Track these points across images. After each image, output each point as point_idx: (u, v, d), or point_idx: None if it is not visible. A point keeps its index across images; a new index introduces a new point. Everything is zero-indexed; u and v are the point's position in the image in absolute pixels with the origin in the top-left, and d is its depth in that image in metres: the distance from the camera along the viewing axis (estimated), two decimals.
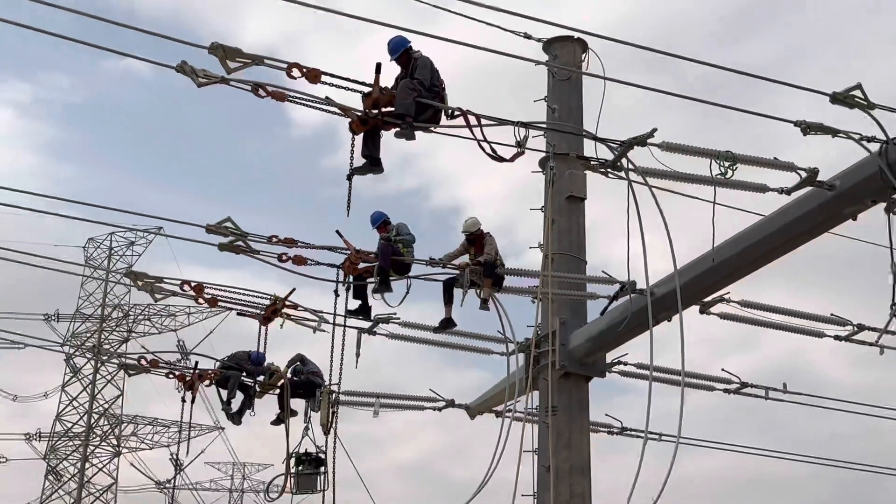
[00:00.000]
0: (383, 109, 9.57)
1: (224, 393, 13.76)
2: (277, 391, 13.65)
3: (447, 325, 11.86)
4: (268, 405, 13.84)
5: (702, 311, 11.08)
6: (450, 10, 9.65)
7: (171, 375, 13.38)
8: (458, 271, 11.52)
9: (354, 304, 11.55)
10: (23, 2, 8.11)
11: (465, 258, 11.68)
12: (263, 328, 11.96)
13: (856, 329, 11.90)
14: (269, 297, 11.58)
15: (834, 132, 9.16)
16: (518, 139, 9.66)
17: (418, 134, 9.75)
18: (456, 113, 9.68)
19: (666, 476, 9.05)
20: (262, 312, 11.63)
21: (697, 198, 10.27)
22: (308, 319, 11.68)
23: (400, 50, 10.06)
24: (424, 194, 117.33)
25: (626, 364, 11.88)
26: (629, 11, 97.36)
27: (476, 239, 11.74)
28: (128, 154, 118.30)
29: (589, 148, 10.81)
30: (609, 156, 10.08)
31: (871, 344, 11.42)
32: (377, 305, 11.61)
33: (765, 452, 15.76)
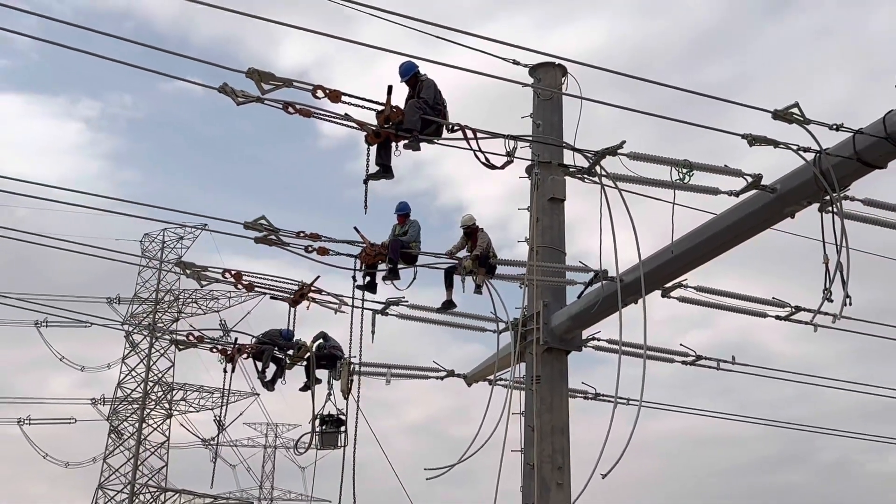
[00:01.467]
0: (394, 124, 9.53)
1: (259, 364, 13.65)
2: (304, 363, 13.55)
3: (448, 306, 11.80)
4: (296, 375, 13.72)
5: (663, 295, 11.03)
6: (452, 41, 9.60)
7: (214, 349, 13.36)
8: (457, 261, 11.47)
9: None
10: (94, 34, 8.19)
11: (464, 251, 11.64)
12: (293, 309, 11.90)
13: (794, 310, 11.76)
14: (297, 283, 11.54)
15: (775, 143, 9.14)
16: (508, 150, 9.64)
17: (424, 145, 9.70)
18: (455, 128, 9.64)
19: (630, 433, 9.10)
20: (292, 296, 11.57)
21: (660, 199, 10.20)
22: (330, 302, 11.59)
23: (409, 73, 10.02)
24: (432, 195, 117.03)
25: (599, 340, 11.83)
26: (607, 39, 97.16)
27: (472, 232, 11.67)
28: (179, 161, 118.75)
29: (568, 157, 10.84)
30: (585, 164, 10.10)
31: (806, 323, 11.35)
32: (389, 290, 11.48)
33: (718, 415, 15.63)
